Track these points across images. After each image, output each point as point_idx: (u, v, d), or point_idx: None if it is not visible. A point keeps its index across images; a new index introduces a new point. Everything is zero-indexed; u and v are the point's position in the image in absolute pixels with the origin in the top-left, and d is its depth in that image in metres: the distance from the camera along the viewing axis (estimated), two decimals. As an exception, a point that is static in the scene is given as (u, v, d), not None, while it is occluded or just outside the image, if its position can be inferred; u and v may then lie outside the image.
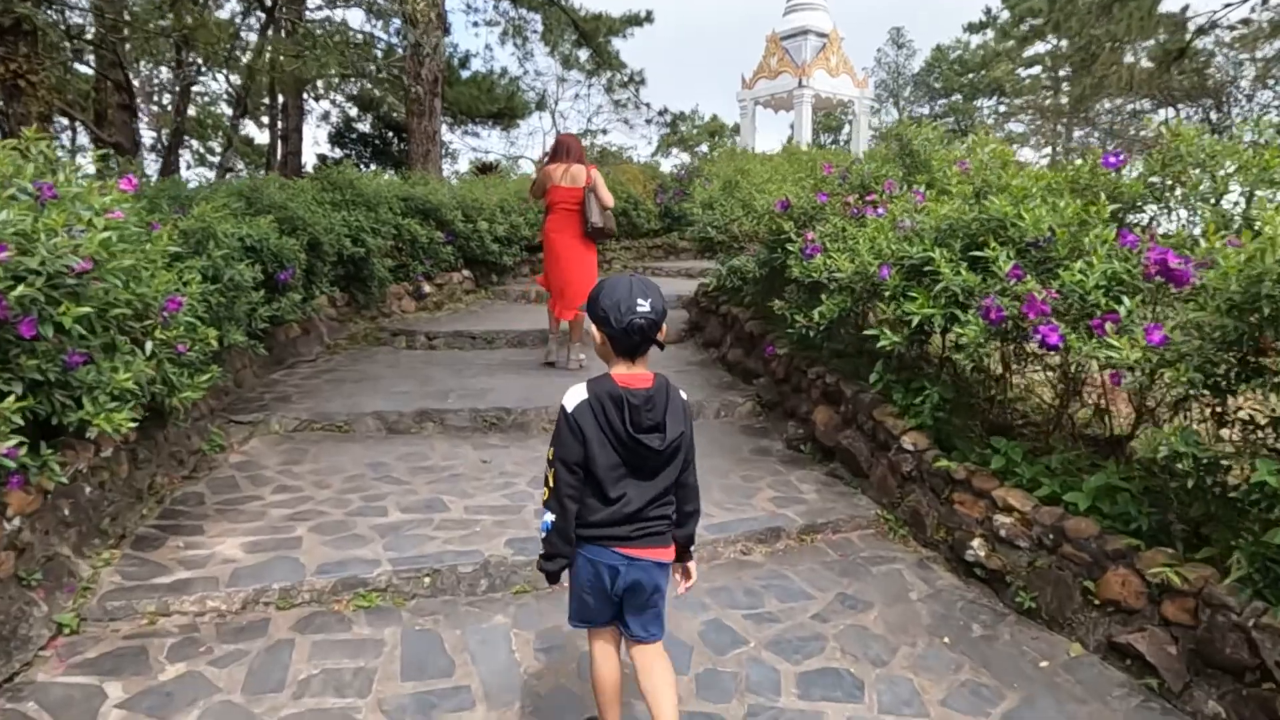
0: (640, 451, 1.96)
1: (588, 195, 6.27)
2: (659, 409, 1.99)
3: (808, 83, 22.26)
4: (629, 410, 1.95)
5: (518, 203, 10.58)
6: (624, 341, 1.99)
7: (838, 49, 23.42)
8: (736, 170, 7.33)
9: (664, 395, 2.03)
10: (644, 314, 1.94)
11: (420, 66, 12.71)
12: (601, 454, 1.96)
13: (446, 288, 9.30)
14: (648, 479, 2.02)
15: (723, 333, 6.77)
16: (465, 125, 23.90)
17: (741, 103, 24.47)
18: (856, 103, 24.32)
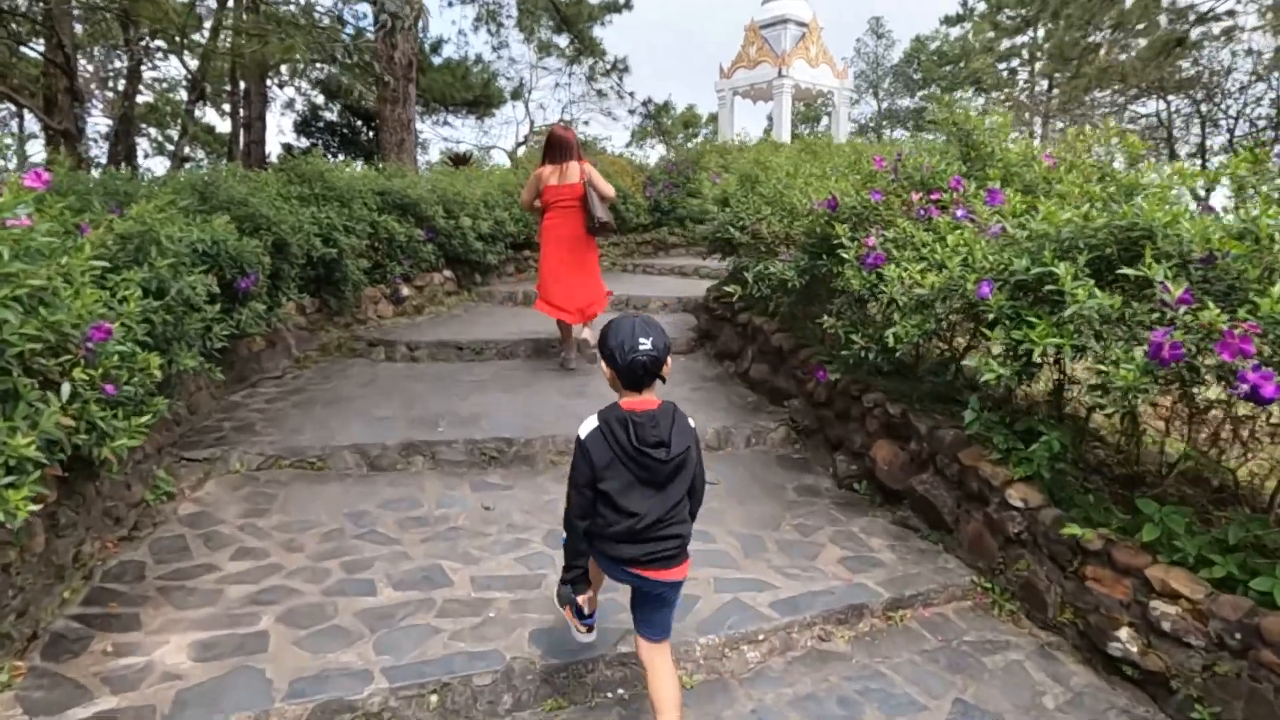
0: (647, 464, 2.14)
1: (588, 190, 5.95)
2: (663, 427, 2.16)
3: (787, 73, 21.72)
4: (634, 428, 2.14)
5: (502, 196, 9.79)
6: (628, 377, 2.19)
7: (817, 39, 22.91)
8: (754, 163, 6.63)
9: (669, 416, 2.20)
10: (646, 352, 2.15)
11: (393, 49, 11.84)
12: (612, 472, 2.16)
13: (427, 290, 8.50)
14: (659, 491, 2.18)
15: (742, 345, 6.08)
16: (438, 114, 22.95)
17: (720, 93, 23.87)
18: (836, 93, 23.90)
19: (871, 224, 4.19)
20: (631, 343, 2.14)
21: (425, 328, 7.53)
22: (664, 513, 2.17)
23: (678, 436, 2.17)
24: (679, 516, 2.22)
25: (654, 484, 2.17)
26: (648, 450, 2.12)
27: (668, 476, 2.18)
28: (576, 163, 6.06)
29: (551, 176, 6.05)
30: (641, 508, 2.15)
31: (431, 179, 9.01)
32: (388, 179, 8.18)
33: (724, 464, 4.62)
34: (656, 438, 2.13)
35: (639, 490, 2.16)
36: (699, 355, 6.79)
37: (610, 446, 2.15)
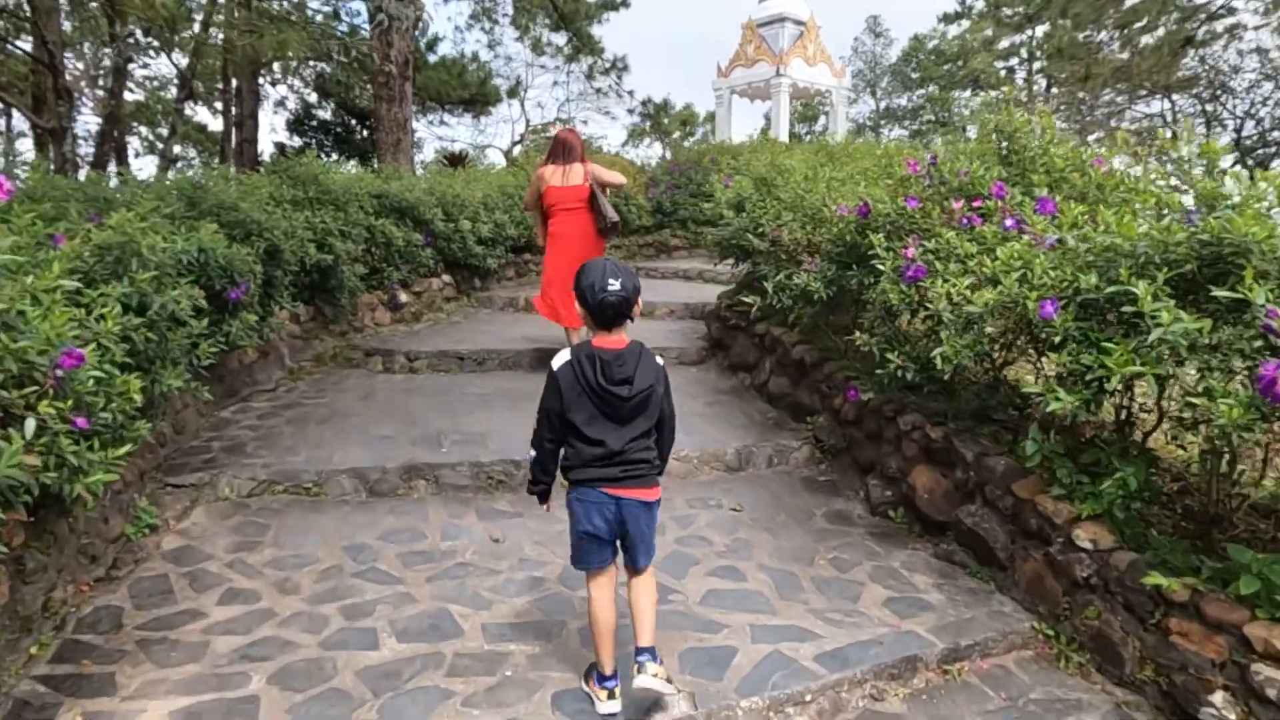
0: (611, 400, 2.29)
1: (596, 191, 5.92)
2: (630, 365, 2.31)
3: (785, 71, 21.50)
4: (601, 365, 2.28)
5: (502, 199, 9.49)
6: (599, 315, 2.32)
7: (815, 37, 22.69)
8: (769, 165, 6.35)
9: (636, 355, 2.35)
10: (615, 292, 2.28)
11: (389, 48, 11.53)
12: (579, 404, 2.31)
13: (425, 296, 8.21)
14: (621, 424, 2.34)
15: (759, 356, 5.80)
16: (434, 113, 22.62)
17: (717, 91, 23.63)
18: (834, 92, 23.67)
19: (908, 233, 3.91)
20: (601, 283, 2.29)
21: (425, 336, 7.23)
22: (624, 444, 2.35)
23: (641, 375, 2.34)
24: (641, 446, 2.39)
25: (616, 418, 2.35)
26: (611, 388, 2.29)
27: (630, 411, 2.35)
28: (580, 165, 6.00)
29: (554, 177, 5.98)
30: (605, 437, 2.33)
31: (430, 181, 8.71)
32: (385, 181, 7.88)
33: (746, 487, 4.34)
34: (622, 375, 2.30)
35: (601, 422, 2.34)
36: (711, 366, 6.51)
37: (578, 380, 2.32)
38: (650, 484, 2.42)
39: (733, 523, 3.86)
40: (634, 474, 2.37)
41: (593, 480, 2.37)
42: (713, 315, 6.87)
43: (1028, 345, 3.27)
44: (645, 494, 2.40)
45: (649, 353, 2.43)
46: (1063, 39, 32.88)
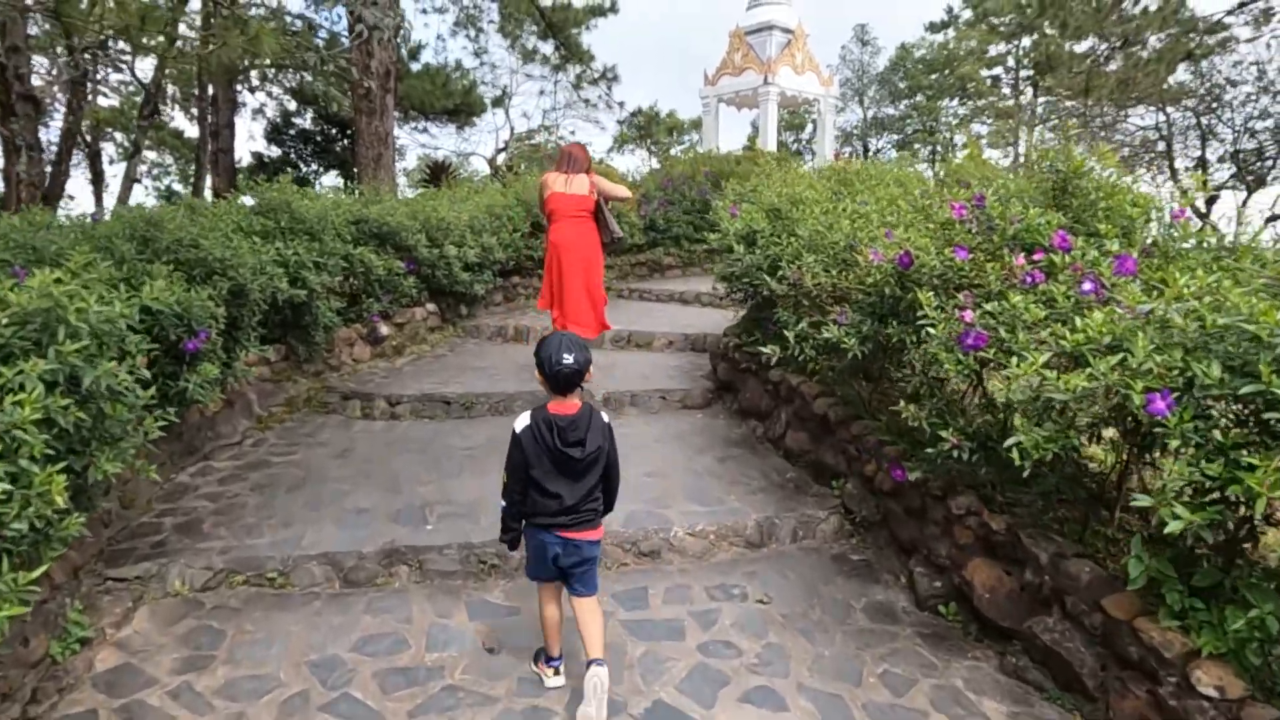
0: (567, 460, 2.66)
1: (601, 206, 6.26)
2: (582, 429, 2.67)
3: (773, 80, 21.24)
4: (558, 430, 2.65)
5: (489, 220, 8.98)
6: (554, 383, 2.67)
7: (803, 45, 22.43)
8: (783, 194, 5.87)
9: (586, 419, 2.70)
10: (568, 365, 2.62)
11: (370, 58, 11.01)
12: (540, 463, 2.68)
13: (408, 327, 7.67)
14: (576, 480, 2.70)
15: (773, 405, 5.32)
16: (416, 122, 22.04)
17: (704, 100, 23.29)
18: (822, 101, 23.39)
19: (957, 288, 3.44)
20: (557, 357, 2.61)
21: (407, 375, 6.70)
22: (579, 498, 2.70)
23: (592, 437, 2.67)
24: (592, 497, 2.74)
25: (571, 475, 2.68)
26: (566, 450, 2.62)
27: (583, 469, 2.69)
28: (585, 176, 6.25)
29: (557, 183, 6.22)
30: (562, 491, 2.67)
31: (412, 204, 8.19)
32: (364, 206, 7.36)
33: (772, 568, 3.85)
34: (575, 439, 2.64)
35: (559, 478, 2.67)
36: (719, 411, 6.02)
37: (538, 442, 2.65)
38: (595, 526, 2.80)
39: (762, 620, 3.37)
40: (583, 520, 2.74)
41: (549, 526, 2.72)
42: (719, 354, 6.38)
43: (1127, 441, 2.80)
44: (592, 535, 2.78)
45: (598, 415, 2.77)
46: (1048, 48, 32.75)
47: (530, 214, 9.77)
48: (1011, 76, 36.01)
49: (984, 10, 35.53)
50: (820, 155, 23.36)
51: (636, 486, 4.47)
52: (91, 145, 28.90)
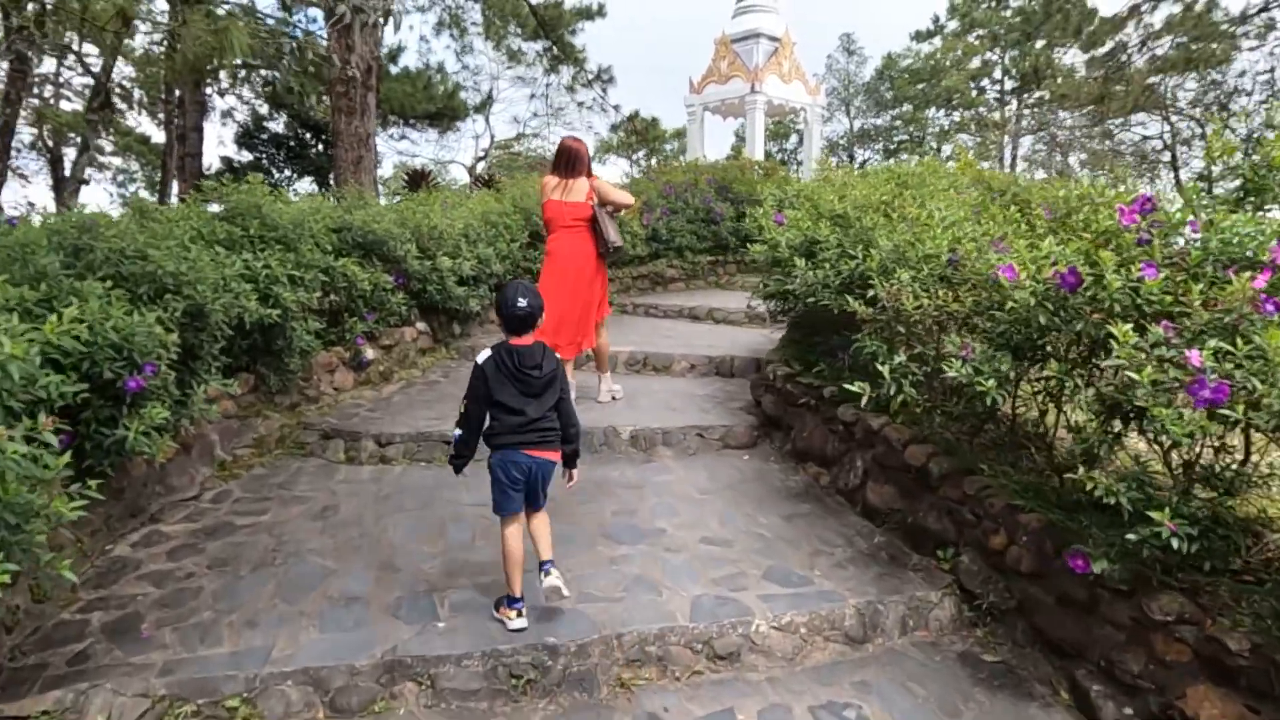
0: (529, 381, 3.00)
1: (599, 212, 5.44)
2: (537, 355, 3.03)
3: (761, 88, 20.61)
4: (518, 356, 3.00)
5: (485, 229, 8.07)
6: (511, 324, 3.03)
7: (790, 54, 21.83)
8: (839, 195, 5.04)
9: (541, 349, 3.06)
10: (521, 308, 2.99)
11: (350, 51, 10.07)
12: (503, 387, 2.98)
13: (397, 349, 6.74)
14: (536, 397, 3.01)
15: (842, 448, 4.46)
16: (395, 127, 21.07)
17: (690, 108, 22.56)
18: (808, 111, 22.76)
19: (1149, 317, 2.61)
20: (513, 300, 3.00)
21: (398, 407, 5.76)
22: (541, 414, 3.02)
23: (547, 362, 3.05)
24: (550, 418, 3.06)
25: (532, 393, 3.02)
26: (528, 371, 3.00)
27: (541, 388, 3.03)
28: (585, 179, 5.46)
29: (555, 190, 5.47)
30: (526, 409, 2.99)
31: (400, 209, 7.26)
32: (347, 212, 6.42)
33: (887, 676, 2.98)
34: (533, 362, 3.01)
35: (522, 398, 3.00)
36: (768, 452, 5.15)
37: (501, 369, 3.00)
38: (555, 448, 3.09)
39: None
40: (546, 440, 3.04)
41: (515, 444, 2.99)
42: (764, 384, 5.52)
43: None
44: (551, 455, 3.08)
45: (550, 349, 3.12)
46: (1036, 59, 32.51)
47: (530, 222, 8.89)
48: (998, 88, 35.81)
49: (971, 20, 35.36)
50: (807, 165, 22.81)
51: (696, 560, 3.59)
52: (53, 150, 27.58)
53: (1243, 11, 14.02)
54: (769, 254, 5.17)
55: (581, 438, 3.34)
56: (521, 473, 3.00)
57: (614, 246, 5.48)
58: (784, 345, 5.70)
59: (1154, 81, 16.37)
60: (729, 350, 7.26)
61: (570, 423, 3.15)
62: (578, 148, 5.48)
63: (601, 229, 5.37)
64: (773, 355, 5.68)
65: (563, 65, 14.80)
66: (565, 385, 3.16)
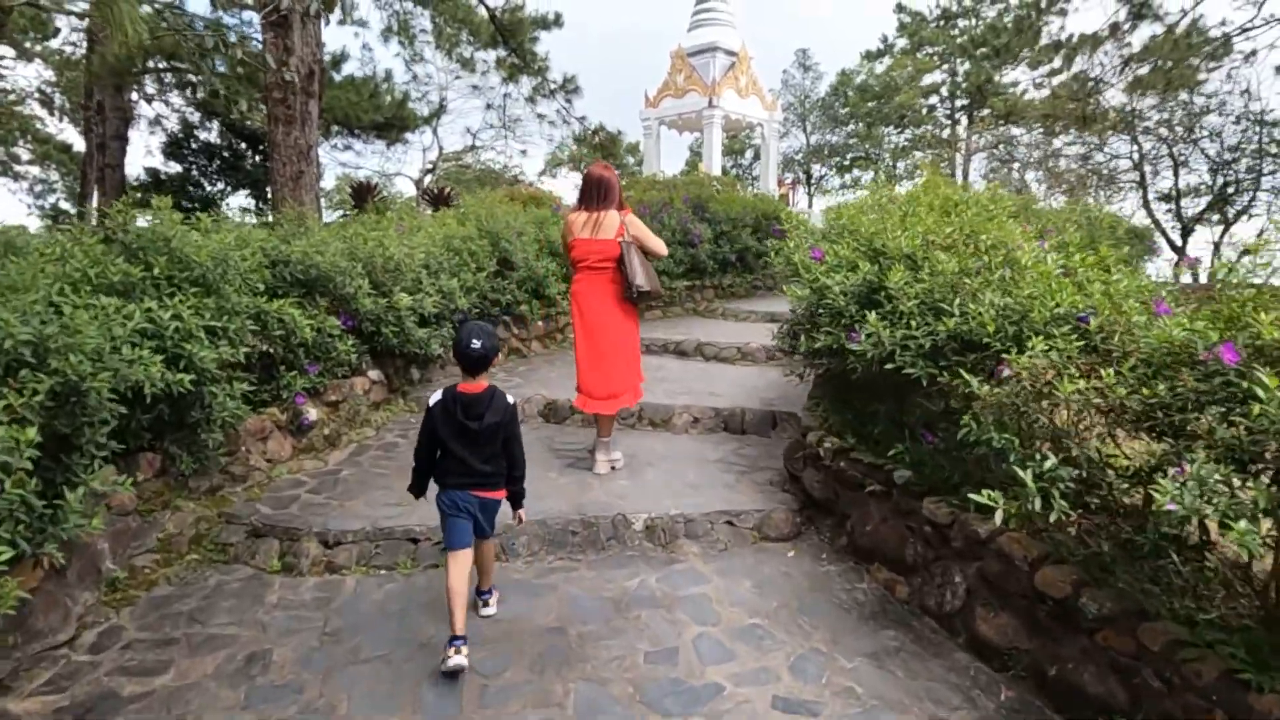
0: (469, 430, 3.09)
1: (627, 250, 4.78)
2: (482, 406, 3.11)
3: (718, 103, 20.09)
4: (461, 406, 3.10)
5: (448, 257, 6.99)
6: (462, 364, 3.13)
7: (747, 68, 21.38)
8: (900, 226, 4.11)
9: (488, 399, 3.13)
10: (475, 350, 3.08)
11: (288, 53, 8.90)
12: (447, 432, 3.11)
13: (345, 406, 5.59)
14: (476, 448, 3.12)
15: (928, 554, 3.50)
16: (340, 137, 19.73)
17: (645, 122, 21.84)
18: (765, 126, 22.25)
19: None
20: (466, 342, 3.09)
21: (348, 486, 4.63)
22: (480, 462, 3.13)
23: (490, 414, 3.11)
24: (491, 465, 3.17)
25: (473, 444, 3.11)
26: (468, 422, 3.08)
27: (482, 440, 3.12)
28: (616, 213, 4.82)
29: (583, 228, 4.81)
30: (465, 456, 3.10)
31: (350, 236, 6.12)
32: (283, 241, 5.29)
33: None
34: (476, 414, 3.09)
35: (461, 445, 3.10)
36: (819, 547, 4.15)
37: (446, 414, 3.11)
38: (497, 488, 3.23)
39: None
40: (489, 482, 3.18)
41: (459, 485, 3.13)
42: (804, 456, 4.53)
43: None
44: (495, 494, 3.22)
45: (500, 395, 3.18)
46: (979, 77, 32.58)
47: (497, 249, 7.82)
48: (947, 106, 35.92)
49: (920, 39, 35.42)
50: (764, 182, 22.16)
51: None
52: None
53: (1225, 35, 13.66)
54: (811, 300, 4.21)
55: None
56: (465, 507, 3.13)
57: (639, 290, 4.75)
58: (823, 405, 4.74)
59: (1126, 101, 16.06)
60: (735, 398, 6.30)
61: (516, 465, 3.26)
62: (608, 177, 4.83)
63: (627, 269, 4.70)
64: (809, 418, 4.72)
65: (523, 74, 13.75)
66: (512, 430, 3.21)
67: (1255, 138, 16.86)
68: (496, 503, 3.23)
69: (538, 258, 8.34)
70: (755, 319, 10.75)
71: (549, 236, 8.93)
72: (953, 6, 34.02)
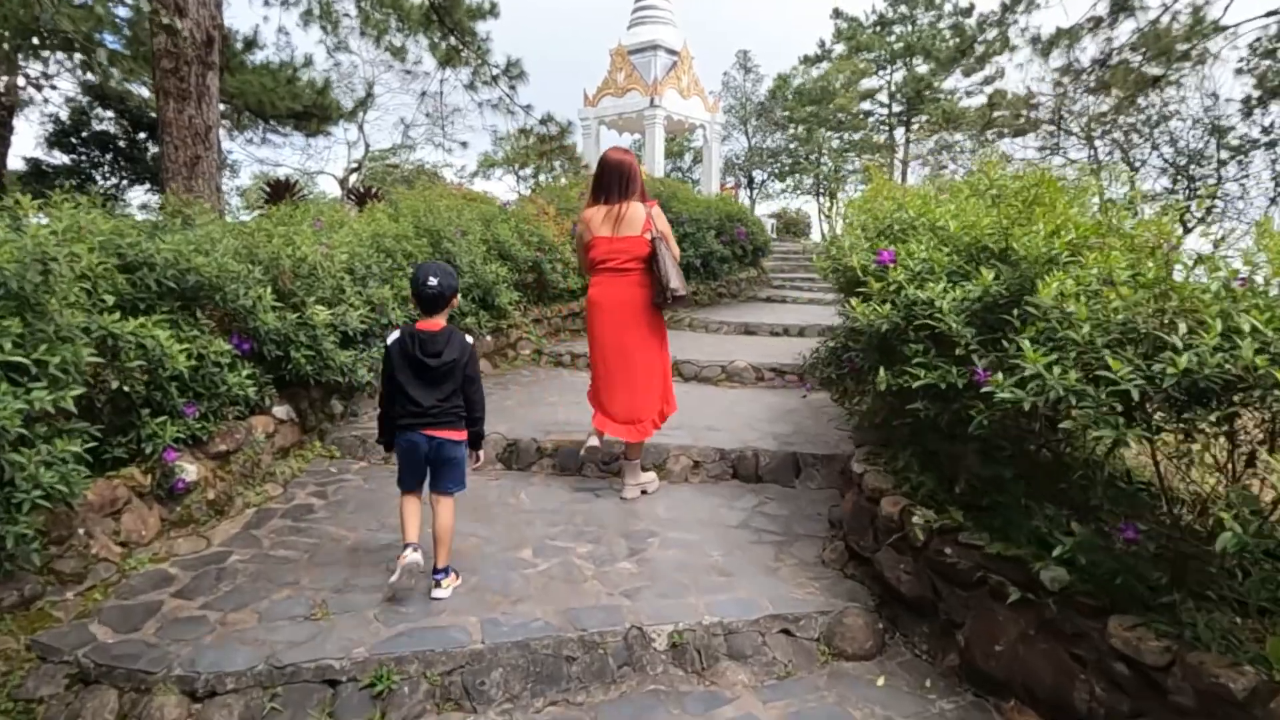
0: (424, 367, 3.04)
1: (658, 247, 4.12)
2: (440, 343, 3.06)
3: (660, 103, 19.36)
4: (419, 342, 3.04)
5: (378, 259, 5.63)
6: (421, 303, 3.11)
7: (689, 69, 20.74)
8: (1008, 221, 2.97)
9: (446, 337, 3.08)
10: (432, 287, 3.05)
11: (180, 15, 7.39)
12: (403, 370, 3.06)
13: (240, 456, 4.17)
14: (433, 386, 3.07)
15: (1121, 709, 2.33)
16: (255, 129, 17.90)
17: (584, 121, 20.87)
18: (707, 127, 21.55)
19: None
20: (423, 279, 3.06)
21: (235, 586, 3.23)
22: (436, 400, 3.07)
23: (448, 351, 3.05)
24: (451, 403, 3.10)
25: (428, 381, 3.06)
26: (424, 359, 3.02)
27: (439, 377, 3.06)
28: (641, 204, 4.21)
29: (602, 224, 4.20)
30: (420, 395, 3.04)
31: (250, 231, 4.71)
32: (147, 236, 3.85)
33: None
34: (434, 350, 3.03)
35: (417, 383, 3.05)
36: (918, 666, 2.94)
37: (403, 353, 3.06)
38: (458, 428, 3.13)
39: None
40: (444, 420, 3.08)
41: (414, 425, 3.07)
42: (884, 531, 3.32)
43: None
44: (453, 434, 3.12)
45: (459, 334, 3.13)
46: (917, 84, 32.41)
47: (438, 250, 6.48)
48: (884, 111, 35.83)
49: (857, 44, 35.24)
50: (706, 184, 21.32)
51: None
52: None
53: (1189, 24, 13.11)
54: (893, 320, 3.04)
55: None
56: (421, 452, 3.09)
57: (673, 295, 4.13)
58: (901, 459, 3.54)
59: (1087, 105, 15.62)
60: (738, 433, 5.12)
61: (476, 406, 3.18)
62: (628, 161, 4.22)
63: (661, 271, 4.10)
64: (874, 473, 3.51)
65: (462, 53, 12.34)
66: (471, 370, 3.14)
67: (1213, 143, 16.60)
68: (455, 445, 3.14)
69: (485, 261, 7.03)
70: (729, 331, 9.62)
71: (497, 236, 7.63)
72: (889, 13, 34.03)
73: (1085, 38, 12.31)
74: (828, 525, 3.94)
